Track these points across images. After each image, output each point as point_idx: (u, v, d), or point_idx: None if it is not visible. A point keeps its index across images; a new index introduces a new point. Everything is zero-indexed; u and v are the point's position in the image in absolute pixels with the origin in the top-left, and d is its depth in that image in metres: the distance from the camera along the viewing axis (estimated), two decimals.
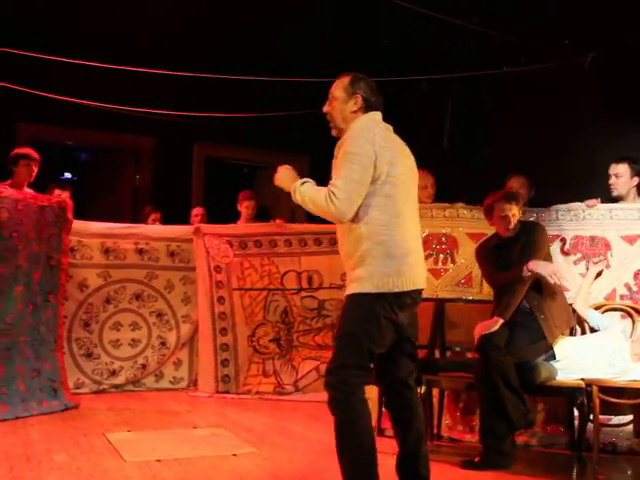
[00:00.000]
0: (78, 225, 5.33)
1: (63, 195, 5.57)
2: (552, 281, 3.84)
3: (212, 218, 6.77)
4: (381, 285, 2.80)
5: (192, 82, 6.81)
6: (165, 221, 6.72)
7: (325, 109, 3.04)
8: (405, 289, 2.84)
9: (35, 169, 5.23)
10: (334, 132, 3.04)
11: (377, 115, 3.00)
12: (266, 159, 8.55)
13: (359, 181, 2.78)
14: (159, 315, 5.89)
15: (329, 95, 3.03)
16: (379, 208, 2.82)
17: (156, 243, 5.87)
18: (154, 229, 6.14)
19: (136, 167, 8.24)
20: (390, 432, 4.38)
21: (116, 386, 5.67)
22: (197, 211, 6.95)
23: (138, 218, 7.08)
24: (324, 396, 2.87)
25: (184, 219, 6.69)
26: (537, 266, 3.86)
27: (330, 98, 3.02)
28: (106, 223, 5.80)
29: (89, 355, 5.63)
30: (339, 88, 3.00)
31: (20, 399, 4.64)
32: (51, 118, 7.35)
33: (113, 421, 4.67)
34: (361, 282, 2.83)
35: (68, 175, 9.72)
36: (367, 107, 2.97)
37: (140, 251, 5.82)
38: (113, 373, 5.69)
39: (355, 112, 2.96)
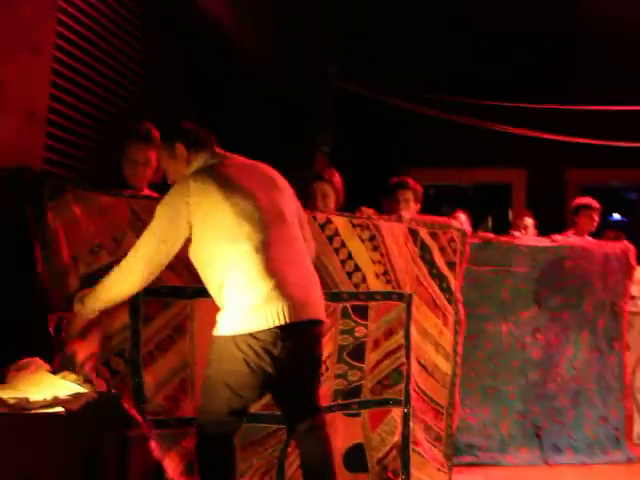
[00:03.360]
0: (637, 272, 5.18)
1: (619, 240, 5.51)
2: None
3: None
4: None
5: None
6: None
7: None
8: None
9: (596, 218, 5.31)
10: None
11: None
12: None
13: None
14: None
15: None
16: None
17: None
18: None
19: None
20: None
21: None
22: None
23: None
24: None
25: None
26: None
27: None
28: None
29: None
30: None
31: (586, 445, 4.71)
32: (596, 162, 7.43)
33: None
34: None
35: (617, 216, 9.59)
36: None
37: None
38: None
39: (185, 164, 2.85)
